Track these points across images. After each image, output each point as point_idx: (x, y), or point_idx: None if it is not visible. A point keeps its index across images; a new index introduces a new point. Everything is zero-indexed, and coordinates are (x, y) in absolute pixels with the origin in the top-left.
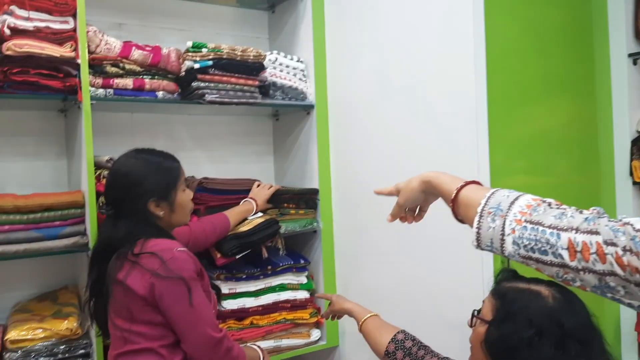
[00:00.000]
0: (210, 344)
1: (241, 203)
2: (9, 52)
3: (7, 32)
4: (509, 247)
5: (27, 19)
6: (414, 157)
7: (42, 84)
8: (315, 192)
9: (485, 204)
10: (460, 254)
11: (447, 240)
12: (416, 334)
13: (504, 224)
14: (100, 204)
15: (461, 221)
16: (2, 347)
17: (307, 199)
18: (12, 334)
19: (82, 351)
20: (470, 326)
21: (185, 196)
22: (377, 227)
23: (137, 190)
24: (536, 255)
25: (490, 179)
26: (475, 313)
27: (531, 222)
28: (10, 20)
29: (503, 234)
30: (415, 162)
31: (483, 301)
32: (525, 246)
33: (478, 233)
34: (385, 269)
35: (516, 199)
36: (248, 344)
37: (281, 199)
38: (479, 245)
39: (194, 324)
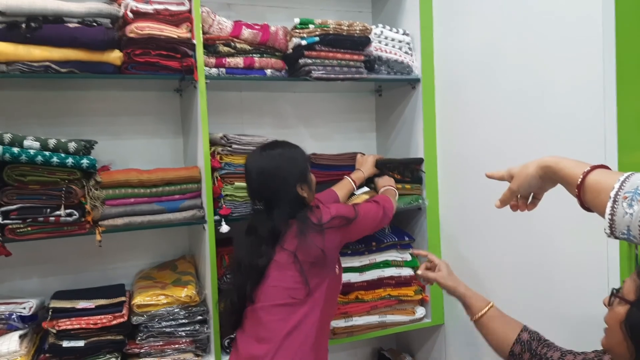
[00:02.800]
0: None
1: (342, 180)
2: (132, 35)
3: (130, 15)
4: None
5: (147, 2)
6: (528, 134)
7: (162, 64)
8: (419, 161)
9: (620, 188)
10: (582, 239)
11: (567, 223)
12: (527, 316)
13: None
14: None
15: (588, 209)
16: (129, 310)
17: (412, 169)
18: (137, 299)
19: (199, 317)
20: (608, 305)
21: (312, 174)
22: (486, 206)
23: (286, 180)
24: None
25: (617, 155)
26: (615, 291)
27: None
28: (133, 4)
29: None
30: (530, 139)
31: (624, 280)
32: None
33: (612, 220)
34: (494, 250)
35: None
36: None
37: (386, 168)
38: (612, 234)
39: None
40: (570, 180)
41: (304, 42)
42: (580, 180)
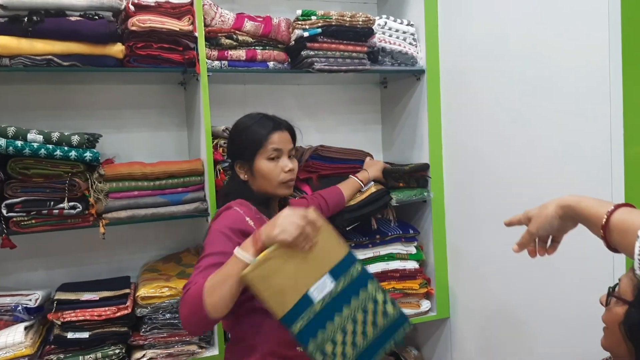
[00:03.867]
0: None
1: (348, 179)
2: (133, 28)
3: (132, 8)
4: None
5: None
6: (534, 124)
7: (164, 57)
8: (426, 167)
9: None
10: (589, 233)
11: None
12: (532, 310)
13: None
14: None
15: (614, 250)
16: (134, 302)
17: (418, 177)
18: (142, 291)
19: None
20: (605, 305)
21: (267, 165)
22: (493, 198)
23: (230, 151)
24: None
25: (624, 147)
26: (611, 290)
27: None
28: None
29: None
30: (536, 130)
31: (619, 279)
32: None
33: None
34: (501, 240)
35: None
36: None
37: (392, 177)
38: None
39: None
40: (593, 221)
41: (306, 34)
42: (604, 220)
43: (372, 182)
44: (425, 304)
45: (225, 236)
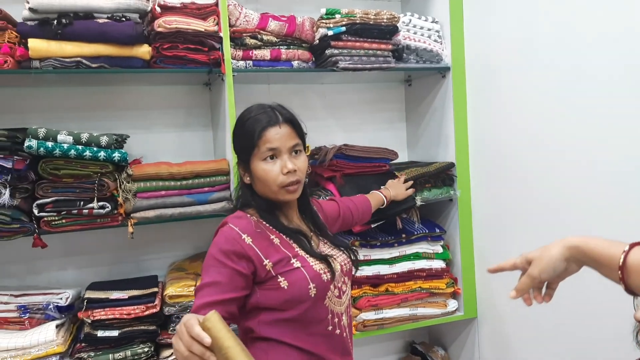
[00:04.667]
0: None
1: (371, 193)
2: (160, 29)
3: (158, 9)
4: None
5: None
6: (565, 122)
7: (190, 57)
8: (451, 166)
9: None
10: (621, 232)
11: (605, 215)
12: (562, 310)
13: None
14: None
15: (633, 293)
16: (162, 301)
17: (444, 177)
18: (169, 290)
19: None
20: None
21: (263, 167)
22: (521, 197)
23: (235, 150)
24: None
25: None
26: None
27: None
28: None
29: None
30: (566, 127)
31: None
32: None
33: None
34: (529, 238)
35: None
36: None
37: (418, 182)
38: None
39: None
40: (606, 263)
41: (330, 33)
42: (621, 261)
43: None
44: (452, 304)
45: (219, 262)
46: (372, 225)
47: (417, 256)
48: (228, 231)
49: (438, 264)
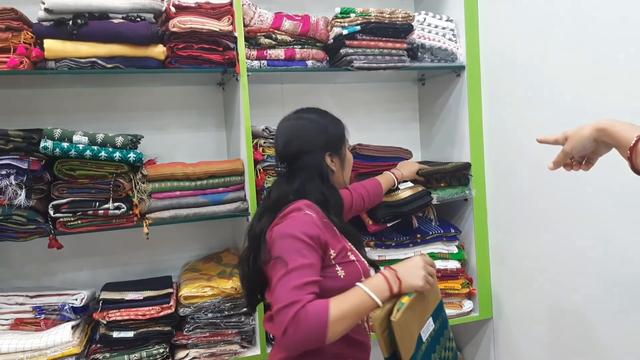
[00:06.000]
0: (276, 307)
1: (383, 174)
2: (174, 29)
3: (173, 9)
4: None
5: None
6: (581, 122)
7: (205, 57)
8: (467, 167)
9: None
10: None
11: (623, 213)
12: (580, 310)
13: None
14: (275, 165)
15: (638, 172)
16: (176, 302)
17: (460, 177)
18: (184, 291)
19: (244, 309)
20: None
21: (349, 154)
22: (537, 197)
23: (314, 144)
24: None
25: None
26: None
27: None
28: None
29: None
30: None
31: None
32: None
33: None
34: (546, 238)
35: None
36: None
37: (433, 178)
38: None
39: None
40: (623, 143)
41: (345, 32)
42: (633, 143)
43: (411, 184)
44: (468, 305)
45: (308, 245)
46: (388, 225)
47: (432, 256)
48: (307, 217)
49: (453, 265)
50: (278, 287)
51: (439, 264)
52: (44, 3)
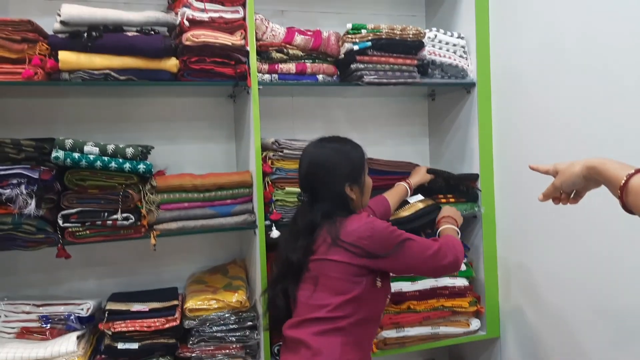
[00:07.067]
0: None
1: (395, 186)
2: (187, 43)
3: (186, 23)
4: None
5: (203, 10)
6: (593, 139)
7: (217, 71)
8: (475, 177)
9: None
10: None
11: (635, 223)
12: (590, 329)
13: None
14: (298, 195)
15: (630, 211)
16: (182, 314)
17: (468, 186)
18: (190, 303)
19: (249, 323)
20: None
21: (369, 178)
22: (547, 214)
23: (334, 176)
24: None
25: None
26: None
27: None
28: (189, 12)
29: None
30: (595, 145)
31: None
32: None
33: None
34: (555, 256)
35: None
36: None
37: (441, 178)
38: None
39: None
40: (613, 182)
41: (356, 47)
42: (623, 182)
43: (421, 197)
44: (475, 323)
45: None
46: None
47: None
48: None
49: (461, 282)
50: (423, 250)
51: (447, 282)
52: (59, 15)
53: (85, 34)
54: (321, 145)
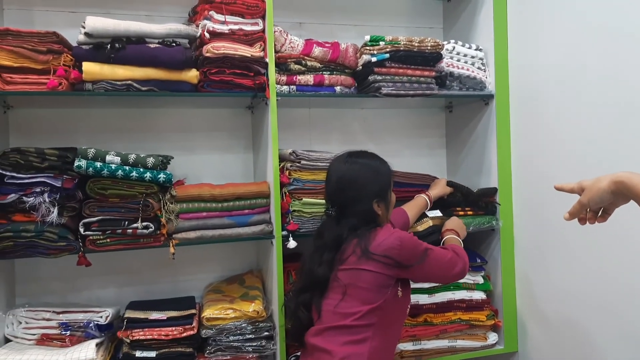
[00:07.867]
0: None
1: (415, 197)
2: (208, 54)
3: (207, 35)
4: None
5: (224, 22)
6: (610, 153)
7: (236, 82)
8: (494, 192)
9: None
10: None
11: None
12: (610, 346)
13: None
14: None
15: None
16: (199, 323)
17: (487, 204)
18: (207, 313)
19: (266, 333)
20: None
21: (393, 194)
22: (565, 228)
23: (363, 192)
24: None
25: None
26: None
27: None
28: (210, 25)
29: None
30: (612, 159)
31: None
32: None
33: None
34: (575, 269)
35: None
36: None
37: (459, 191)
38: None
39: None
40: None
41: (373, 59)
42: None
43: (440, 213)
44: (492, 337)
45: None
46: None
47: (457, 286)
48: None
49: (479, 295)
50: (440, 259)
51: (464, 295)
52: (84, 27)
53: (109, 46)
54: (351, 161)
